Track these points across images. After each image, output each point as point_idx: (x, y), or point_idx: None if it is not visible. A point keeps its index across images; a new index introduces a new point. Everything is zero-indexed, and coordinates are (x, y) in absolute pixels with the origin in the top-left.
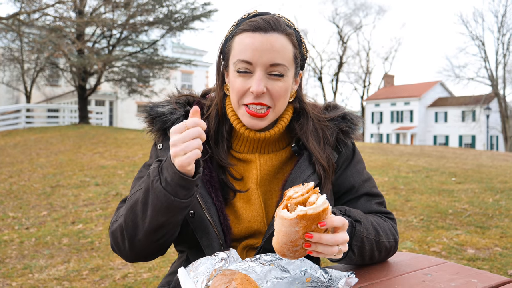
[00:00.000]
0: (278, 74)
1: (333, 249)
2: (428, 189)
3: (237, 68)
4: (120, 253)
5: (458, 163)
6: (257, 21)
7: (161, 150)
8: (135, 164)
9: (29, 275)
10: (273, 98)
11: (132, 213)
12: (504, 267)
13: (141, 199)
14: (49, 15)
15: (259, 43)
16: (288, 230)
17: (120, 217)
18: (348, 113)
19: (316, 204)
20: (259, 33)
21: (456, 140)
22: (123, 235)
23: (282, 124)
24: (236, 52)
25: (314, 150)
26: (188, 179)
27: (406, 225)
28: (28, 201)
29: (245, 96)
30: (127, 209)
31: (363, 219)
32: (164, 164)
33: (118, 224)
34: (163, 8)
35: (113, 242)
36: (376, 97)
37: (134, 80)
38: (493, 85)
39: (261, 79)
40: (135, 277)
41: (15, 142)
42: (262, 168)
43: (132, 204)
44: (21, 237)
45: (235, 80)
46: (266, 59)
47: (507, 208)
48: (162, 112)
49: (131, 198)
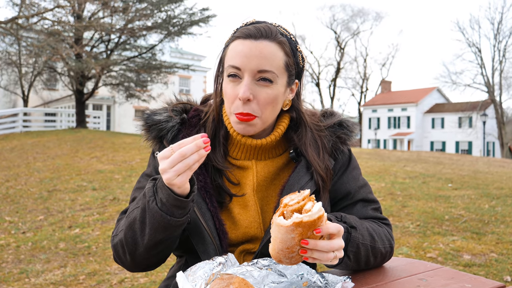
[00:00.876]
0: (266, 79)
1: (329, 255)
2: (424, 195)
3: (228, 74)
4: (122, 264)
5: (455, 169)
6: (249, 29)
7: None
8: (133, 169)
9: (25, 280)
10: (259, 105)
11: (131, 231)
12: (500, 273)
13: (139, 218)
14: (47, 19)
15: (248, 50)
16: (284, 237)
17: (120, 232)
18: (345, 120)
19: (312, 211)
20: (249, 40)
21: (453, 146)
22: (124, 249)
23: (278, 132)
24: (228, 58)
25: (314, 161)
26: (182, 200)
27: (402, 230)
28: (24, 205)
29: (234, 104)
30: (126, 226)
31: (359, 225)
32: (158, 184)
33: (119, 239)
34: (161, 13)
35: (115, 255)
36: (373, 103)
37: (132, 84)
38: (489, 91)
39: (248, 85)
40: (132, 282)
41: (12, 146)
42: (259, 174)
43: (130, 222)
44: (17, 241)
45: (226, 86)
46: (253, 65)
47: (503, 214)
48: (158, 120)
49: (129, 216)
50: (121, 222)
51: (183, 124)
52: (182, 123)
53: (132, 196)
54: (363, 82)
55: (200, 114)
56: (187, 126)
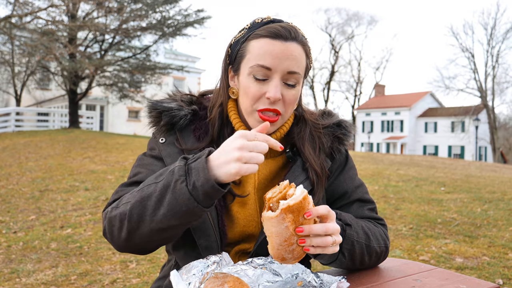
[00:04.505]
0: (293, 82)
1: (327, 239)
2: (417, 198)
3: (255, 73)
4: (111, 240)
5: (447, 173)
6: (277, 29)
7: (163, 144)
8: (125, 169)
9: (16, 280)
10: (285, 105)
11: (140, 206)
12: (492, 276)
13: (157, 194)
14: (41, 18)
15: (279, 51)
16: (278, 229)
17: (124, 204)
18: (343, 121)
19: (296, 194)
20: (279, 40)
21: (446, 150)
22: (122, 224)
23: (284, 129)
24: (253, 57)
25: (309, 156)
26: (220, 189)
27: (395, 233)
28: (16, 205)
29: (259, 102)
30: (136, 199)
31: (354, 223)
32: (193, 165)
33: (120, 211)
34: (156, 14)
35: (108, 228)
36: (367, 107)
37: (126, 85)
38: (482, 96)
39: (278, 86)
40: (124, 283)
41: (4, 146)
42: (261, 173)
43: (143, 196)
44: (8, 241)
45: (250, 85)
46: (284, 66)
47: (495, 218)
48: (170, 107)
49: (143, 190)
50: (127, 195)
51: (195, 115)
52: (193, 114)
53: (134, 171)
54: (357, 85)
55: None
56: (197, 118)
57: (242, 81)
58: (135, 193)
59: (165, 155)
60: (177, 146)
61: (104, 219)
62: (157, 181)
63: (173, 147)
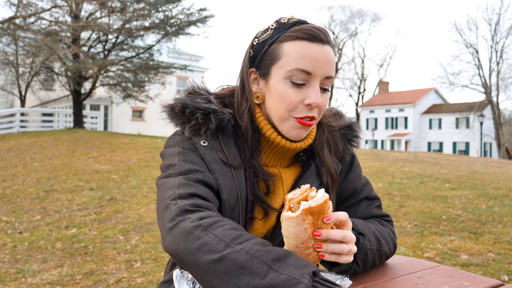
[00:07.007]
0: (328, 87)
1: (343, 247)
2: (422, 195)
3: (293, 77)
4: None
5: (452, 169)
6: (314, 31)
7: (205, 148)
8: (130, 169)
9: (22, 280)
10: (320, 110)
11: (232, 269)
12: (497, 272)
13: (256, 284)
14: (44, 19)
15: (319, 54)
16: (297, 230)
17: (218, 240)
18: (354, 123)
19: (317, 196)
20: (317, 43)
21: (450, 147)
22: (194, 252)
23: (313, 134)
24: (290, 60)
25: (327, 159)
26: None
27: (400, 230)
28: (21, 205)
29: (297, 108)
30: (234, 260)
31: (366, 231)
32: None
33: (209, 242)
34: (159, 13)
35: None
36: (371, 104)
37: (129, 85)
38: (486, 92)
39: (319, 92)
40: (129, 282)
41: (9, 146)
42: (287, 182)
43: (244, 266)
44: (14, 241)
45: (287, 90)
46: (324, 70)
47: (500, 214)
48: (213, 109)
49: (252, 260)
50: (226, 227)
51: (235, 119)
52: (234, 118)
53: (184, 167)
54: (361, 82)
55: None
56: (238, 124)
57: (275, 86)
58: (237, 245)
59: (209, 160)
60: (218, 154)
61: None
62: (270, 269)
63: (215, 154)
